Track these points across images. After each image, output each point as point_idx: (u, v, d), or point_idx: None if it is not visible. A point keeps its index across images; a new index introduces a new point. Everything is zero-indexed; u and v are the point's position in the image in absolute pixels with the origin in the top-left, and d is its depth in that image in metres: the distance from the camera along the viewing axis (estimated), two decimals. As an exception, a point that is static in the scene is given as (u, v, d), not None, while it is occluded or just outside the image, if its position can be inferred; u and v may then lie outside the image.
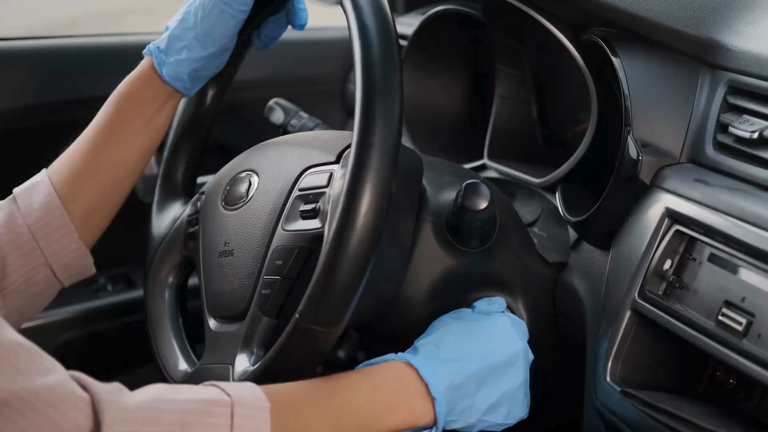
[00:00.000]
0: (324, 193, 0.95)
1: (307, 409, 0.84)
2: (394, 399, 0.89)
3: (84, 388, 0.72)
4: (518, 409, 0.97)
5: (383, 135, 0.82)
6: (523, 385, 0.97)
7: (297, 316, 0.84)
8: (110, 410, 0.71)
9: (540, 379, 1.02)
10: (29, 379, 0.68)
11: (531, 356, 0.99)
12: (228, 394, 0.78)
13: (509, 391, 0.95)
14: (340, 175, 0.94)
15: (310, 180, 0.98)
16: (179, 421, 0.74)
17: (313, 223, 0.94)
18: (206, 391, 0.79)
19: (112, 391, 0.73)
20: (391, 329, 1.09)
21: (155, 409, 0.74)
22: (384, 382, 0.90)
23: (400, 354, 0.94)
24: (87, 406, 0.70)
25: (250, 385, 0.82)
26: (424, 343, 0.95)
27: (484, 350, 0.95)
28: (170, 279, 1.14)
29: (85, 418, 0.70)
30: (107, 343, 1.58)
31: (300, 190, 0.98)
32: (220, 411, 0.76)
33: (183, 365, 1.08)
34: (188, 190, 1.20)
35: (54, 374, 0.70)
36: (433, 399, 0.90)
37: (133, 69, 1.10)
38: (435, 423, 0.91)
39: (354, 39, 0.86)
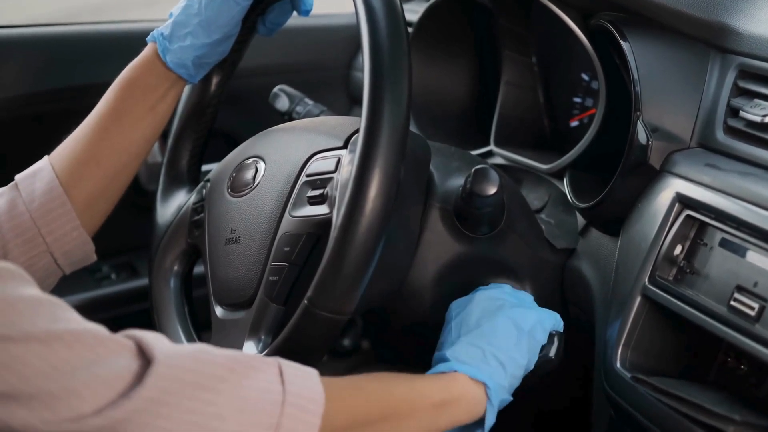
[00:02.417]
0: (332, 178, 0.94)
1: (356, 378, 0.85)
2: (434, 376, 0.90)
3: (128, 336, 0.73)
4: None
5: (392, 119, 0.82)
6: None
7: (305, 302, 0.83)
8: (161, 344, 0.71)
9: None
10: (75, 322, 0.69)
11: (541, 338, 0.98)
12: (273, 358, 0.78)
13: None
14: (348, 161, 0.93)
15: (317, 165, 0.97)
16: (229, 367, 0.73)
17: (321, 209, 0.93)
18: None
19: (159, 336, 0.74)
20: (397, 316, 1.08)
21: (204, 351, 0.74)
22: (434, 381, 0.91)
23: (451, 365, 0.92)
24: (132, 349, 0.71)
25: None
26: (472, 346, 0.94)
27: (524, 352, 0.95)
28: (175, 267, 1.13)
29: (129, 359, 0.70)
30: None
31: (307, 175, 0.97)
32: (269, 369, 0.76)
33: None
34: (193, 177, 1.19)
35: (92, 324, 0.71)
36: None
37: (136, 56, 1.09)
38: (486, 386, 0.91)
39: (362, 23, 0.86)
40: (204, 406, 0.70)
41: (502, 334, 0.93)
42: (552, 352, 0.97)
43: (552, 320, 0.99)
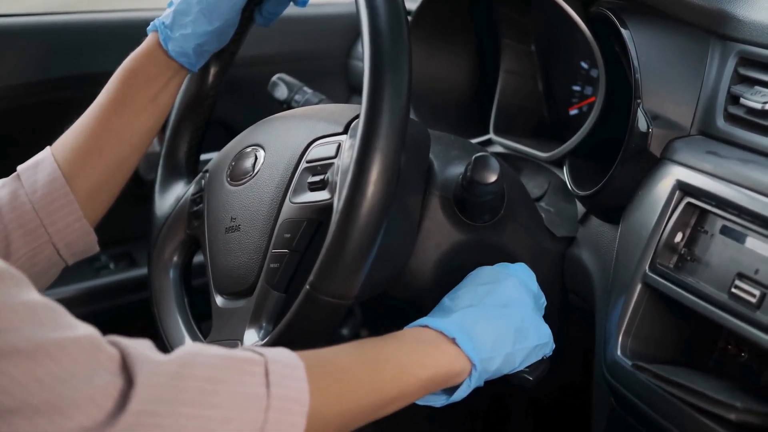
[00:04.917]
0: (332, 164, 0.94)
1: (344, 362, 0.83)
2: (425, 346, 0.88)
3: (113, 344, 0.71)
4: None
5: (392, 103, 0.81)
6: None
7: (308, 286, 0.83)
8: (142, 362, 0.69)
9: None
10: (66, 328, 0.67)
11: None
12: (260, 354, 0.77)
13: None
14: (349, 146, 0.93)
15: (317, 151, 0.97)
16: (211, 377, 0.72)
17: (322, 195, 0.93)
18: (237, 351, 0.77)
19: (143, 347, 0.72)
20: (396, 305, 1.08)
21: (188, 364, 0.72)
22: (411, 335, 0.90)
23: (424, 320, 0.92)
24: (117, 362, 0.69)
25: (281, 349, 0.80)
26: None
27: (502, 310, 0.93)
28: (175, 258, 1.13)
29: (114, 374, 0.68)
30: (110, 322, 1.56)
31: (307, 162, 0.97)
32: (254, 370, 0.75)
33: (189, 343, 1.07)
34: (191, 169, 1.19)
35: (83, 329, 0.69)
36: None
37: (137, 45, 1.09)
38: (472, 364, 0.89)
39: (361, 9, 0.85)
40: (188, 421, 0.69)
41: (517, 331, 0.92)
42: (534, 375, 0.97)
43: (552, 347, 0.98)
